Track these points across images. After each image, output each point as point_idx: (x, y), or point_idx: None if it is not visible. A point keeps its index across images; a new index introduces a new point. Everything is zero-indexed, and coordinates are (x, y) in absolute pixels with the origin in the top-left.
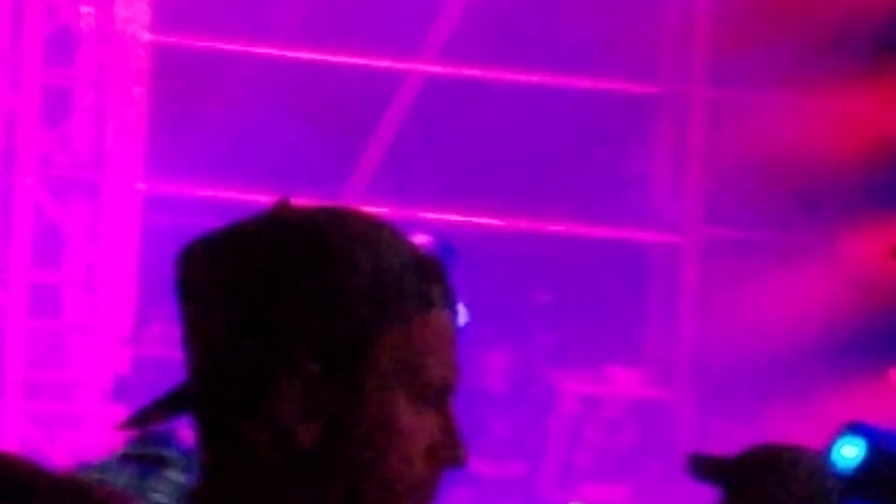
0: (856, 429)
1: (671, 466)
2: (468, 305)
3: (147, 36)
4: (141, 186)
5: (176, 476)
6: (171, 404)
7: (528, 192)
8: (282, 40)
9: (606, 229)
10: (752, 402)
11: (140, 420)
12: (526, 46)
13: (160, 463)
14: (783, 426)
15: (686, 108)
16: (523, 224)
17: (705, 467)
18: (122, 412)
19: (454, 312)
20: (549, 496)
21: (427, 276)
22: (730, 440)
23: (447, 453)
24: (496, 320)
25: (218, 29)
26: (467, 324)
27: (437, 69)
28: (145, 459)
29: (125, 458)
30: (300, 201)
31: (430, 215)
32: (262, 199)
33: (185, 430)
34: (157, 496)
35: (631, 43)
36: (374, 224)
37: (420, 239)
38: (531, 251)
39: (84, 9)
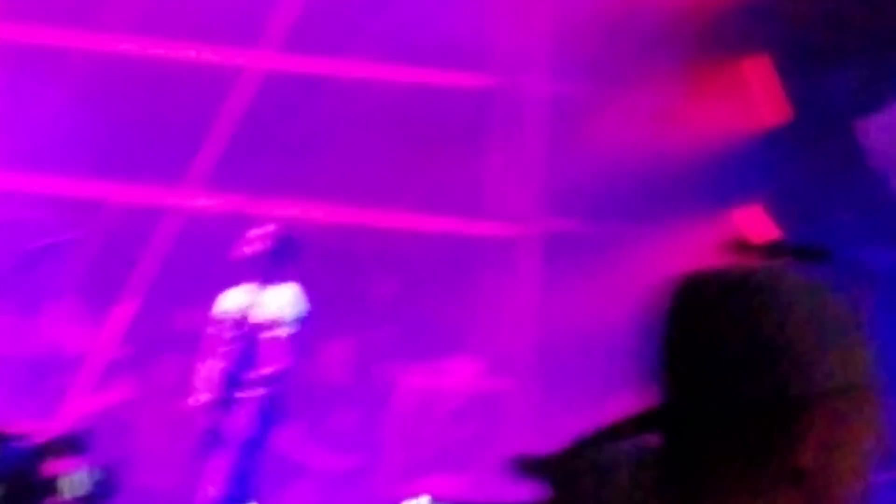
0: None
1: (511, 457)
2: (309, 298)
3: None
4: None
5: None
6: (643, 421)
7: (369, 185)
8: (114, 32)
9: (447, 222)
10: (594, 392)
11: (611, 435)
12: (366, 39)
13: None
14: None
15: (524, 101)
16: (364, 217)
17: (531, 470)
18: None
19: None
20: (388, 489)
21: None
22: (571, 430)
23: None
24: (337, 313)
25: (51, 21)
26: (308, 316)
27: (277, 62)
28: None
29: None
30: (140, 194)
31: (271, 208)
32: (91, 191)
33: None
34: None
35: (470, 36)
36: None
37: (262, 230)
38: (373, 244)
39: None
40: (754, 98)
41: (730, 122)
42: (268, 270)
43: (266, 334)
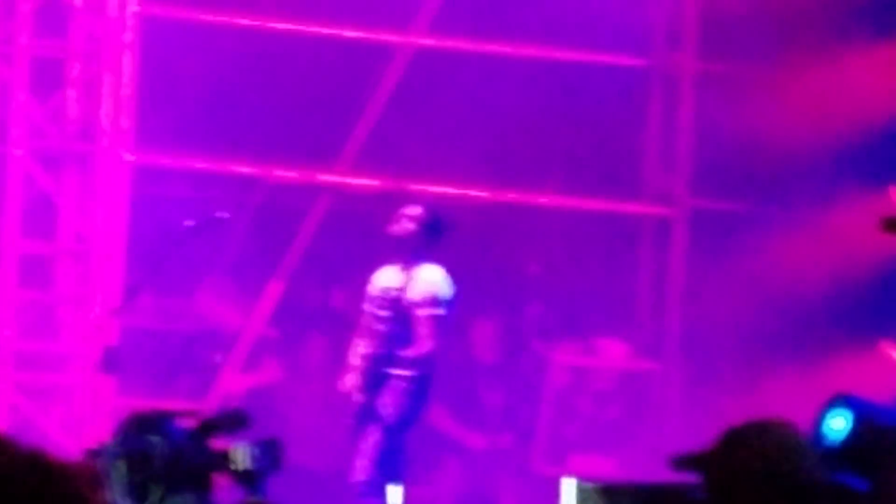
0: (844, 401)
1: (659, 438)
2: (458, 277)
3: (135, 7)
4: (129, 157)
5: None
6: None
7: (518, 164)
8: (271, 12)
9: (597, 201)
10: (740, 373)
11: None
12: (518, 19)
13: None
14: (771, 397)
15: (676, 81)
16: (514, 196)
17: (688, 465)
18: (110, 383)
19: None
20: (537, 468)
21: None
22: (717, 411)
23: None
24: (486, 292)
25: (205, 1)
26: (457, 296)
27: (427, 41)
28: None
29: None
30: (289, 174)
31: (420, 187)
32: (250, 170)
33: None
34: None
35: (621, 15)
36: None
37: (412, 209)
38: (522, 223)
39: None
40: None
41: (883, 99)
42: (418, 250)
43: (418, 313)
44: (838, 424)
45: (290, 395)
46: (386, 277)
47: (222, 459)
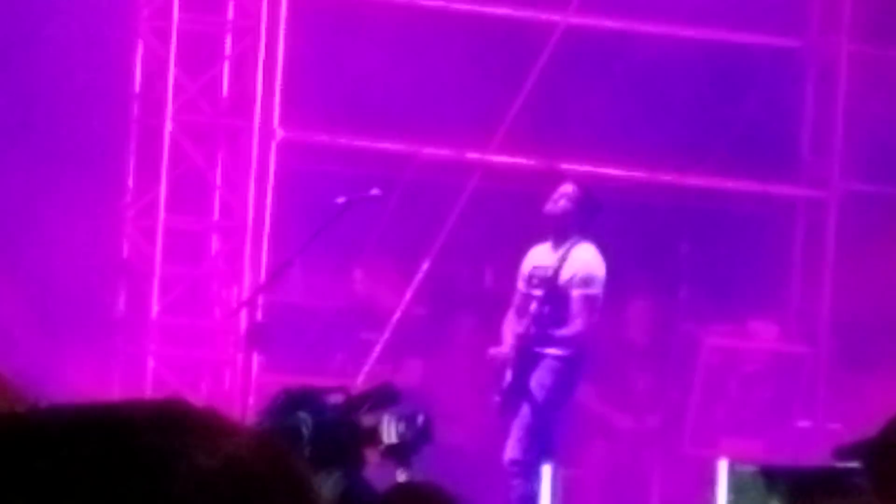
0: None
1: (809, 422)
2: (610, 257)
3: None
4: (280, 134)
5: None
6: None
7: (672, 145)
8: None
9: (750, 183)
10: (892, 358)
11: None
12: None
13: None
14: None
15: (832, 63)
16: (667, 177)
17: (850, 455)
18: (257, 359)
19: None
20: (686, 449)
21: None
22: (867, 396)
23: None
24: (639, 272)
25: None
26: (608, 275)
27: (580, 20)
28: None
29: None
30: (439, 152)
31: (573, 167)
32: (400, 148)
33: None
34: None
35: None
36: None
37: (566, 188)
38: (674, 204)
39: None
40: None
41: None
42: (571, 228)
43: (572, 293)
44: None
45: (438, 374)
46: (539, 256)
47: (372, 434)
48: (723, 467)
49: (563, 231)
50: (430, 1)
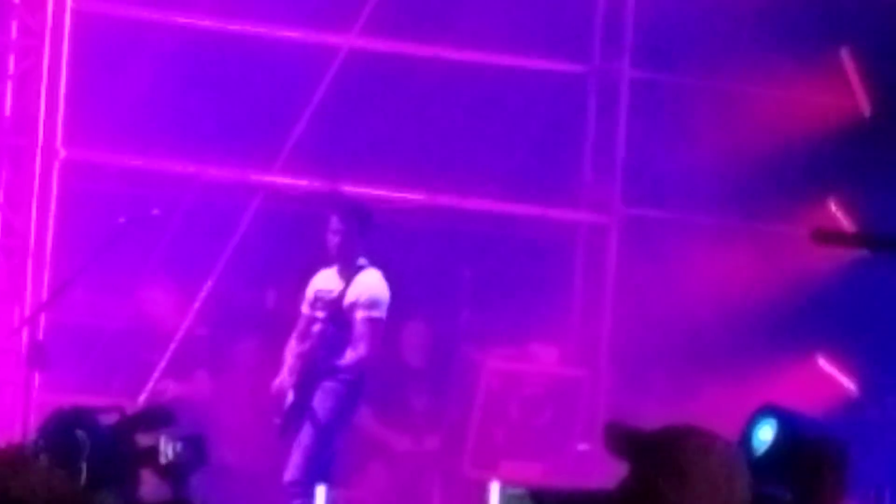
0: (770, 412)
1: (588, 444)
2: (391, 280)
3: (73, 3)
4: (63, 153)
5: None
6: None
7: (454, 168)
8: (208, 11)
9: (531, 207)
10: (672, 381)
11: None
12: (457, 23)
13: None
14: (702, 407)
15: (614, 89)
16: (448, 199)
17: (618, 442)
18: (38, 378)
19: None
20: (466, 472)
21: None
22: (648, 419)
23: None
24: (418, 295)
25: None
26: (387, 298)
27: (363, 43)
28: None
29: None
30: (219, 173)
31: (356, 189)
32: (179, 167)
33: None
34: None
35: (559, 21)
36: None
37: (333, 224)
38: (455, 227)
39: None
40: (845, 91)
41: (821, 112)
42: (350, 253)
43: (356, 316)
44: (765, 435)
45: (220, 395)
46: (324, 280)
47: (148, 454)
48: (494, 489)
49: (347, 257)
50: (214, 23)
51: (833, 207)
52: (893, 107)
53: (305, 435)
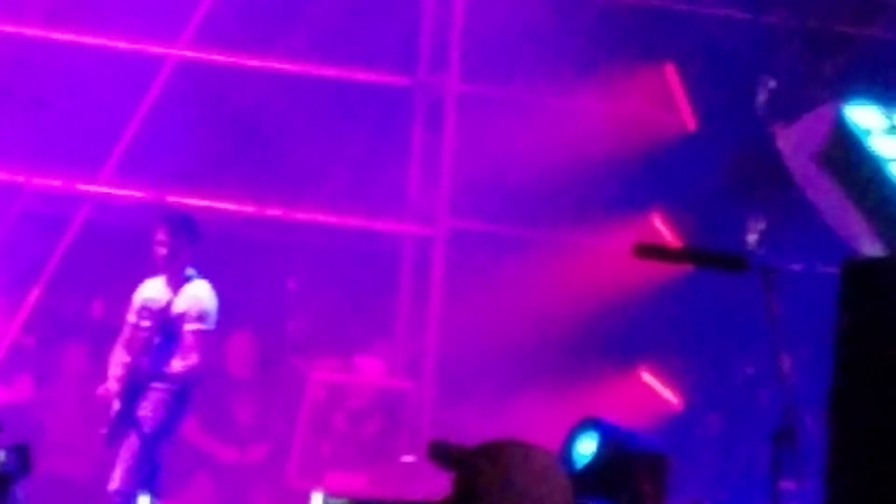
0: (592, 424)
1: (413, 456)
2: (217, 290)
3: None
4: None
5: None
6: None
7: (281, 180)
8: (32, 20)
9: (358, 219)
10: (497, 394)
11: None
12: (286, 34)
13: None
14: (526, 420)
15: (440, 102)
16: (275, 211)
17: (442, 455)
18: None
19: None
20: (291, 482)
21: None
22: (473, 431)
23: None
24: (245, 306)
25: None
26: (216, 309)
27: (192, 54)
28: None
29: None
30: (50, 182)
31: (180, 199)
32: (6, 177)
33: None
34: None
35: (387, 34)
36: None
37: (159, 236)
38: (283, 238)
39: None
40: (669, 105)
41: (646, 123)
42: (178, 264)
43: (185, 328)
44: (586, 448)
45: (46, 404)
46: (151, 289)
47: None
48: (316, 499)
49: (174, 268)
50: (39, 31)
51: (657, 222)
52: (717, 122)
53: (130, 444)
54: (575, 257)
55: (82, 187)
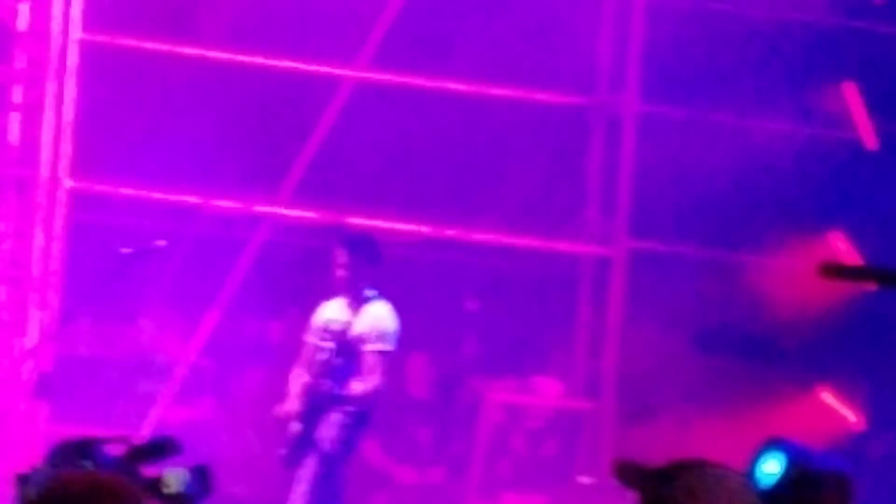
0: (777, 445)
1: (591, 478)
2: (396, 311)
3: (79, 34)
4: (69, 184)
5: None
6: None
7: (459, 201)
8: (214, 42)
9: (536, 240)
10: (676, 414)
11: None
12: (461, 56)
13: None
14: (706, 440)
15: (618, 122)
16: (453, 232)
17: (628, 474)
18: (44, 410)
19: None
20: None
21: None
22: (652, 452)
23: None
24: (423, 327)
25: (149, 29)
26: (396, 330)
27: (369, 75)
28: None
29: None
30: (227, 204)
31: (361, 221)
32: (184, 199)
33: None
34: None
35: (565, 54)
36: None
37: (338, 257)
38: (461, 259)
39: (20, 6)
40: (849, 124)
41: (820, 148)
42: (358, 285)
43: (365, 348)
44: (771, 468)
45: (224, 426)
46: (332, 310)
47: (153, 485)
48: None
49: (354, 289)
50: (220, 53)
51: (837, 240)
52: None
53: (310, 466)
54: (753, 277)
55: (259, 209)
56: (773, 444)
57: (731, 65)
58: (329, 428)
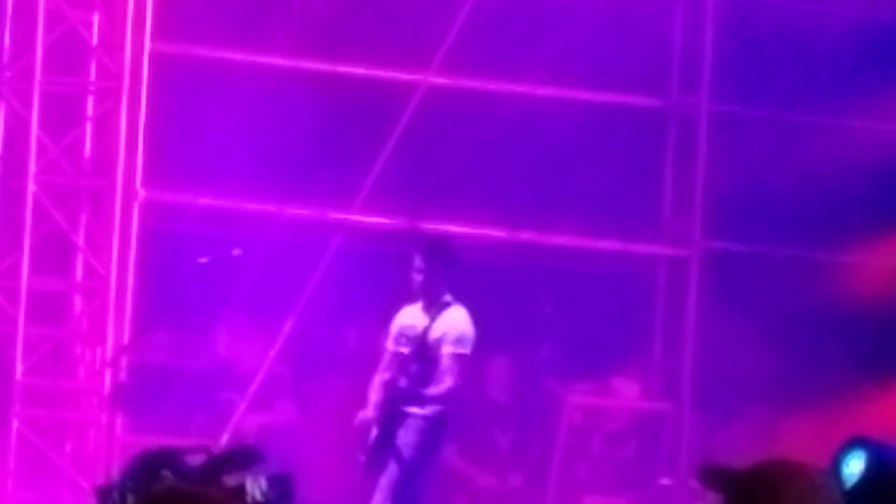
0: (860, 443)
1: (671, 479)
2: (473, 316)
3: (151, 45)
4: (143, 194)
5: None
6: None
7: (534, 204)
8: (286, 51)
9: (612, 242)
10: (755, 415)
11: None
12: (534, 59)
13: None
14: (786, 440)
15: (692, 122)
16: (529, 235)
17: (712, 476)
18: (120, 419)
19: None
20: None
21: None
22: (732, 453)
23: None
24: (501, 331)
25: (220, 38)
26: (473, 335)
27: (441, 80)
28: None
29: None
30: (302, 212)
31: (436, 226)
32: (259, 207)
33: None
34: None
35: (638, 56)
36: None
37: (416, 262)
38: (537, 263)
39: (92, 17)
40: None
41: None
42: (435, 290)
43: (442, 352)
44: (854, 467)
45: (303, 434)
46: (409, 316)
47: (235, 494)
48: None
49: (432, 294)
50: (291, 61)
51: None
52: None
53: (390, 472)
54: (831, 275)
55: (335, 215)
56: (856, 443)
57: (804, 63)
58: (408, 434)
